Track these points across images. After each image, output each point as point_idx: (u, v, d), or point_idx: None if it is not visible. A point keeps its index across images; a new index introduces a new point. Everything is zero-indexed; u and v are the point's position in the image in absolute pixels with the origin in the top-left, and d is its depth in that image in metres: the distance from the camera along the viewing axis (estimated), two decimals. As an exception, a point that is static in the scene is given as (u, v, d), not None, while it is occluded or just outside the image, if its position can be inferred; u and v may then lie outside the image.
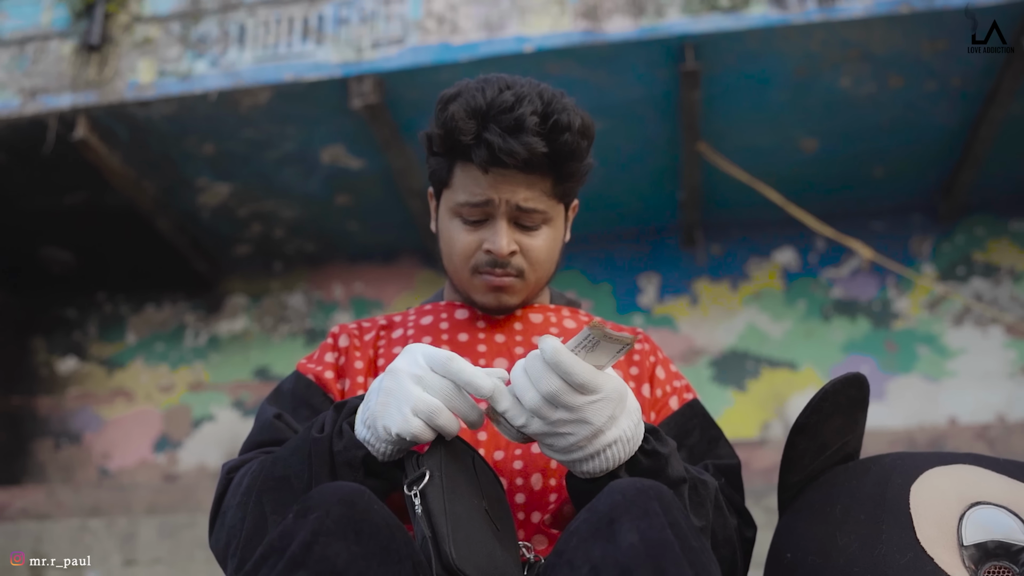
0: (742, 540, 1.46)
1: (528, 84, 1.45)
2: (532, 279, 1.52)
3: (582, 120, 1.45)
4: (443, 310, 1.61)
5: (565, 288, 6.49)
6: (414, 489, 1.14)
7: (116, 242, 6.43)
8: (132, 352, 6.85)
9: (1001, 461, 1.46)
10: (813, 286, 6.36)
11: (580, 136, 1.44)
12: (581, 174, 1.51)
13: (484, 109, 1.40)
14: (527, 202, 1.45)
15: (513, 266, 1.49)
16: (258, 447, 1.44)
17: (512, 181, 1.43)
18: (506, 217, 1.46)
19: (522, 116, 1.38)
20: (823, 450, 1.48)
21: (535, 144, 1.38)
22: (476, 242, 1.48)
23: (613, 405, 1.20)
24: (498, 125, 1.39)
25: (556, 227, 1.53)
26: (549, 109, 1.41)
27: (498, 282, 1.49)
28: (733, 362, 6.27)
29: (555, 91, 1.46)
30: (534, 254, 1.49)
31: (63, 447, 6.62)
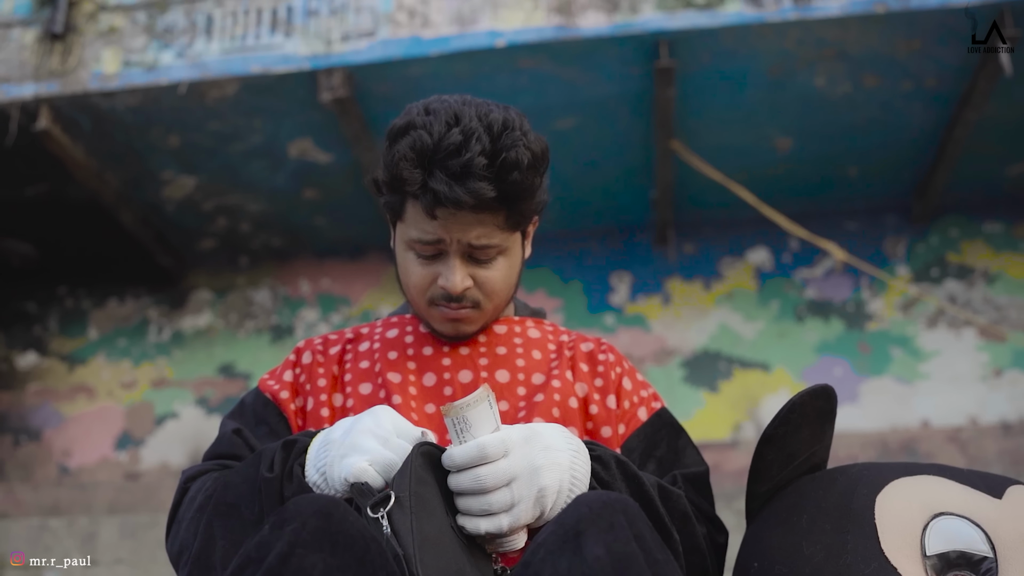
0: (714, 546, 1.49)
1: (477, 114, 1.42)
2: (489, 308, 1.54)
3: (532, 154, 1.43)
4: (409, 323, 1.63)
5: (535, 287, 6.52)
6: (380, 511, 1.16)
7: (78, 235, 6.39)
8: (94, 347, 6.81)
9: (965, 472, 1.49)
10: (787, 286, 6.41)
11: (531, 172, 1.43)
12: (535, 207, 1.51)
13: (431, 152, 1.39)
14: (479, 239, 1.45)
15: (468, 299, 1.51)
16: (216, 458, 1.50)
17: (462, 221, 1.43)
18: (459, 254, 1.47)
19: (469, 161, 1.36)
20: (791, 460, 1.51)
21: (482, 190, 1.37)
22: (431, 276, 1.50)
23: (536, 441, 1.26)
24: (444, 171, 1.37)
25: (512, 255, 1.54)
26: (498, 146, 1.39)
27: (454, 315, 1.52)
28: (705, 363, 6.31)
29: (506, 119, 1.43)
30: (489, 285, 1.51)
31: (22, 444, 6.57)
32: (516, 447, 1.24)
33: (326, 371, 1.56)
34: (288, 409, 1.53)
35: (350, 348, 1.61)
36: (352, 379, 1.55)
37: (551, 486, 1.23)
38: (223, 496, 1.35)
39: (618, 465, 1.34)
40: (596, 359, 1.61)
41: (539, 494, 1.23)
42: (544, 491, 1.23)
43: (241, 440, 1.50)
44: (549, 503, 1.24)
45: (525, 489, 1.22)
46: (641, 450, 1.54)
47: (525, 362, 1.57)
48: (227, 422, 1.56)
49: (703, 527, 1.46)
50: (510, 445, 1.23)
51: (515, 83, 5.26)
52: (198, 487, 1.41)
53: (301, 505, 1.12)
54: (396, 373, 1.53)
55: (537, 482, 1.23)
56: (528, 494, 1.22)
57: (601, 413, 1.54)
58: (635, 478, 1.35)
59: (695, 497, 1.50)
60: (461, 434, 1.22)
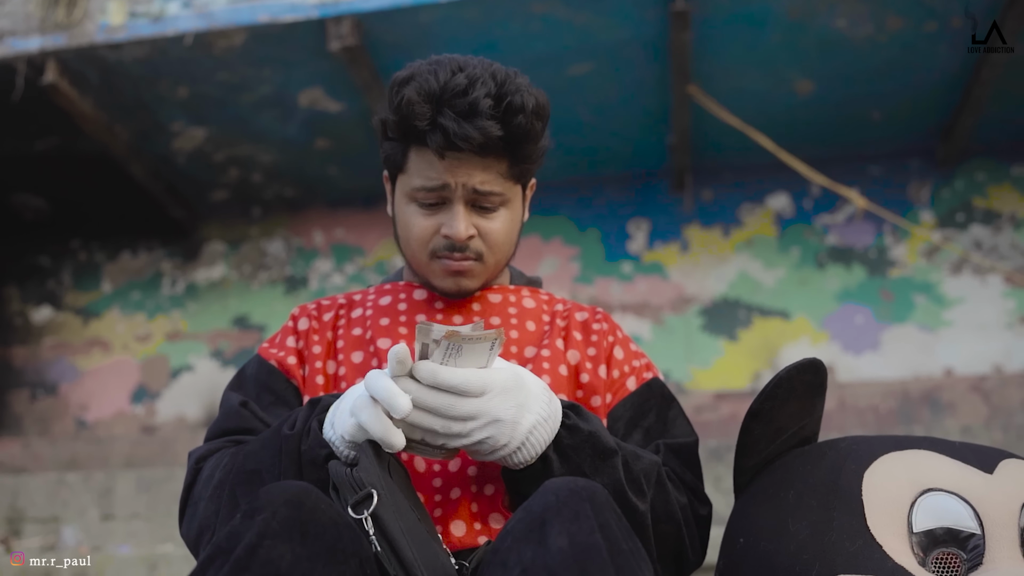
0: (696, 517, 1.50)
1: (480, 65, 1.46)
2: (491, 262, 1.55)
3: (536, 100, 1.46)
4: (402, 290, 1.64)
5: (552, 235, 6.52)
6: (364, 512, 1.18)
7: (90, 188, 6.43)
8: (108, 301, 6.88)
9: (957, 445, 1.49)
10: (807, 233, 6.37)
11: (535, 117, 1.46)
12: (537, 155, 1.53)
13: (438, 93, 1.41)
14: (484, 185, 1.47)
15: (472, 250, 1.51)
16: (224, 435, 1.50)
17: (468, 164, 1.45)
18: (463, 201, 1.48)
19: (476, 100, 1.40)
20: (779, 434, 1.51)
21: (490, 128, 1.40)
22: (433, 226, 1.50)
23: (513, 395, 1.27)
24: (452, 109, 1.40)
25: (514, 208, 1.55)
26: (503, 91, 1.42)
27: (457, 266, 1.52)
28: (724, 311, 6.31)
29: (508, 71, 1.47)
30: (493, 237, 1.52)
31: (39, 398, 6.67)
32: (494, 391, 1.26)
33: (320, 338, 1.58)
34: (297, 375, 1.55)
35: (343, 314, 1.62)
36: (345, 346, 1.56)
37: (501, 438, 1.26)
38: (244, 465, 1.37)
39: (590, 437, 1.35)
40: (590, 328, 1.62)
41: (489, 438, 1.26)
42: (495, 439, 1.26)
43: (249, 412, 1.51)
44: (488, 449, 1.27)
45: (480, 430, 1.25)
46: (627, 419, 1.55)
47: (519, 333, 1.58)
48: (230, 395, 1.56)
49: (683, 497, 1.47)
50: (489, 387, 1.25)
51: (528, 29, 5.21)
52: (214, 464, 1.42)
53: (273, 493, 1.13)
54: (387, 339, 1.55)
55: (492, 428, 1.25)
56: (479, 435, 1.25)
57: (592, 382, 1.55)
58: (604, 452, 1.36)
59: (678, 467, 1.51)
60: (448, 358, 1.25)
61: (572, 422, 1.34)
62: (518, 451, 1.28)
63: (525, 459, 1.29)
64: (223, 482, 1.37)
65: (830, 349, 6.12)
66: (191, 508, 1.42)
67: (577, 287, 6.47)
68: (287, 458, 1.33)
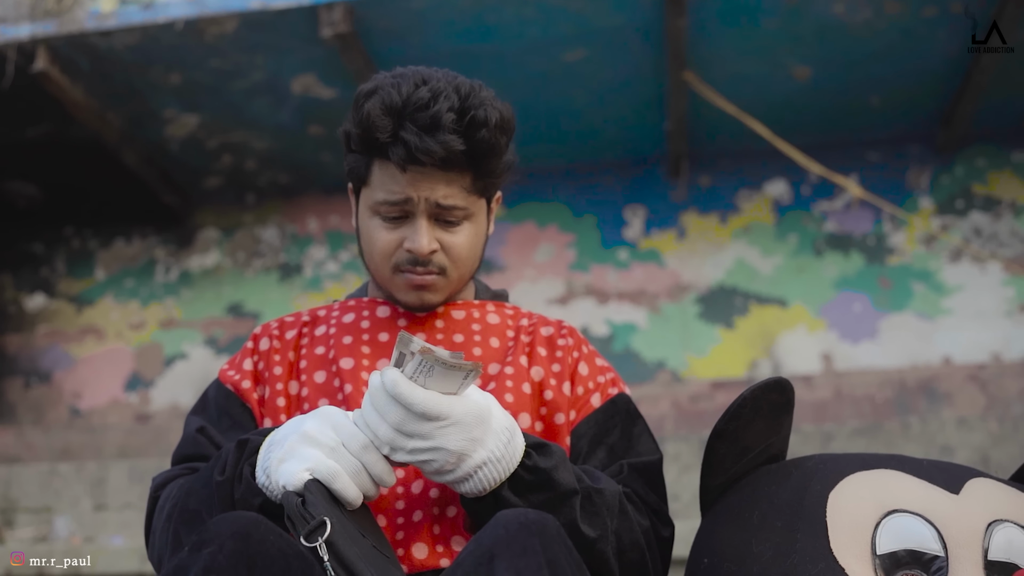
0: (658, 540, 1.50)
1: (444, 79, 1.46)
2: (455, 276, 1.55)
3: (500, 114, 1.46)
4: (365, 307, 1.64)
5: (547, 222, 6.51)
6: (318, 540, 1.18)
7: (82, 175, 6.43)
8: (101, 288, 6.89)
9: (924, 464, 1.49)
10: (805, 219, 6.36)
11: (498, 131, 1.46)
12: (502, 169, 1.53)
13: (400, 106, 1.42)
14: (447, 199, 1.47)
15: (435, 264, 1.51)
16: (184, 460, 1.54)
17: (431, 178, 1.45)
18: (426, 215, 1.48)
19: (438, 113, 1.40)
20: (745, 453, 1.51)
21: (452, 142, 1.40)
22: (396, 240, 1.50)
23: (468, 429, 1.27)
24: (414, 123, 1.41)
25: (478, 222, 1.55)
26: (466, 105, 1.43)
27: (419, 280, 1.52)
28: (721, 298, 6.31)
29: (473, 84, 1.47)
30: (456, 251, 1.52)
31: (33, 386, 6.69)
32: (450, 420, 1.26)
33: (282, 358, 1.58)
34: (251, 399, 1.55)
35: (306, 332, 1.62)
36: (307, 366, 1.56)
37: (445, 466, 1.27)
38: (186, 503, 1.40)
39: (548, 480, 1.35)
40: (555, 344, 1.62)
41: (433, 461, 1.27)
42: (438, 464, 1.27)
43: (205, 438, 1.53)
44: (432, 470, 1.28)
45: (422, 452, 1.27)
46: (591, 436, 1.55)
47: (482, 351, 1.58)
48: (191, 419, 1.58)
49: (645, 520, 1.47)
50: (446, 416, 1.26)
51: (522, 14, 5.19)
52: (166, 495, 1.46)
53: (221, 526, 1.14)
54: (349, 359, 1.55)
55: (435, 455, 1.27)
56: (421, 456, 1.27)
57: (556, 399, 1.55)
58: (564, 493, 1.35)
59: (641, 489, 1.51)
60: (419, 374, 1.25)
61: (532, 463, 1.34)
62: (465, 482, 1.29)
63: (473, 491, 1.31)
64: (170, 516, 1.41)
65: (827, 337, 6.12)
66: (151, 536, 1.47)
67: (573, 274, 6.47)
68: (222, 505, 1.35)
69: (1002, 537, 1.36)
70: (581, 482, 1.39)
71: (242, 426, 1.54)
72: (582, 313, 6.36)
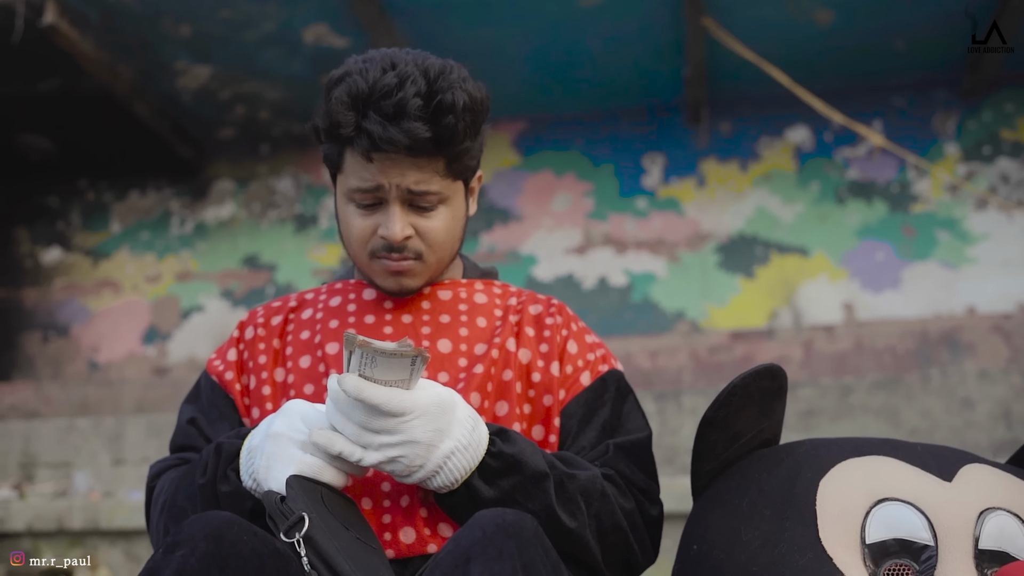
0: (645, 519, 1.51)
1: (414, 62, 1.44)
2: (432, 260, 1.54)
3: (468, 96, 1.45)
4: (352, 290, 1.64)
5: (564, 171, 6.48)
6: (296, 536, 1.20)
7: (95, 128, 6.45)
8: (117, 241, 6.93)
9: (918, 450, 1.48)
10: (828, 167, 6.30)
11: (467, 115, 1.45)
12: (476, 151, 1.53)
13: (366, 94, 1.41)
14: (419, 185, 1.46)
15: (410, 249, 1.51)
16: (178, 450, 1.58)
17: (401, 165, 1.44)
18: (399, 201, 1.48)
19: (403, 100, 1.39)
20: (736, 439, 1.51)
21: (417, 130, 1.39)
22: (371, 227, 1.50)
23: (434, 419, 1.30)
24: (378, 112, 1.40)
25: (454, 205, 1.54)
26: (434, 89, 1.42)
27: (396, 267, 1.52)
28: (741, 247, 6.28)
29: (443, 66, 1.46)
30: (431, 236, 1.51)
31: (51, 340, 6.77)
32: (414, 413, 1.29)
33: (267, 346, 1.59)
34: (233, 390, 1.57)
35: (292, 318, 1.63)
36: (293, 352, 1.58)
37: (415, 459, 1.30)
38: (175, 499, 1.44)
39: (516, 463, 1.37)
40: (543, 323, 1.61)
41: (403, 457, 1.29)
42: (409, 459, 1.29)
43: (195, 430, 1.56)
44: (403, 469, 1.30)
45: (392, 448, 1.29)
46: (580, 416, 1.55)
47: (468, 331, 1.58)
48: (184, 408, 1.62)
49: (630, 502, 1.48)
50: (410, 409, 1.28)
51: (537, -41, 5.14)
52: (160, 487, 1.50)
53: (194, 528, 1.16)
54: (335, 343, 1.56)
55: (406, 448, 1.29)
56: (391, 452, 1.29)
57: (543, 380, 1.55)
58: (534, 476, 1.38)
59: (627, 469, 1.51)
60: (364, 367, 1.28)
61: (497, 448, 1.36)
62: (436, 475, 1.31)
63: (444, 484, 1.32)
64: (162, 510, 1.46)
65: (849, 287, 6.09)
66: (149, 525, 1.52)
67: (591, 223, 6.45)
68: (205, 505, 1.40)
69: (994, 525, 1.36)
70: (554, 468, 1.41)
71: (227, 418, 1.56)
72: (600, 263, 6.35)
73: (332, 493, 1.33)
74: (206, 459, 1.42)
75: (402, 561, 1.41)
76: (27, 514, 4.43)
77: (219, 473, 1.40)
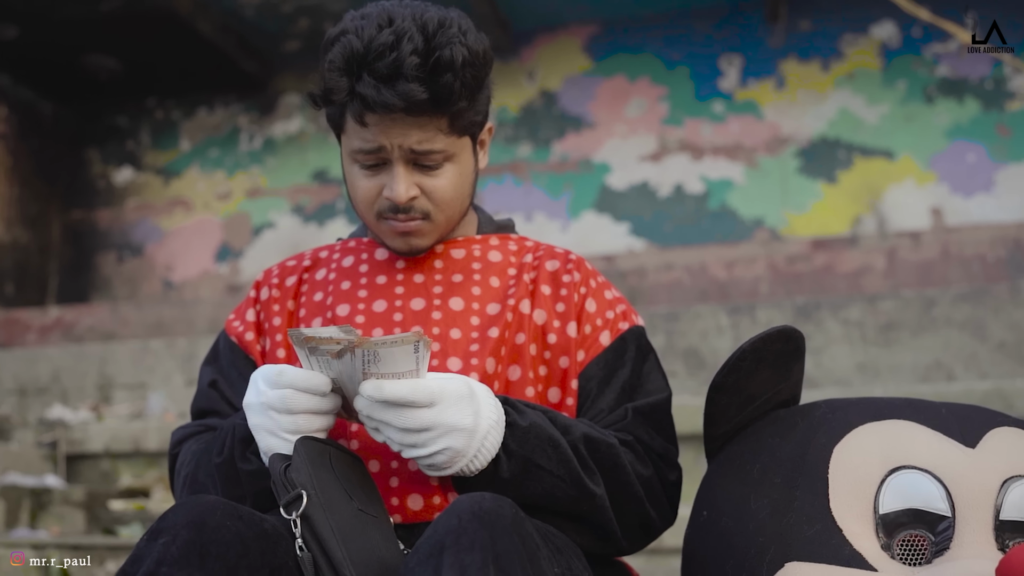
0: (663, 484, 1.50)
1: (411, 16, 1.41)
2: (441, 219, 1.52)
3: (468, 51, 1.41)
4: (364, 249, 1.63)
5: (638, 75, 6.36)
6: (293, 514, 1.21)
7: (159, 46, 6.50)
8: (187, 159, 7.03)
9: (943, 413, 1.43)
10: (915, 64, 6.08)
11: (467, 71, 1.41)
12: (479, 108, 1.49)
13: (360, 55, 1.38)
14: (421, 144, 1.44)
15: (417, 209, 1.49)
16: (200, 415, 1.60)
17: (401, 124, 1.42)
18: (402, 161, 1.45)
19: (399, 60, 1.36)
20: (750, 402, 1.48)
21: (412, 92, 1.36)
22: (376, 188, 1.48)
23: (468, 401, 1.29)
24: (373, 74, 1.37)
25: (462, 161, 1.51)
26: (432, 45, 1.38)
27: (403, 227, 1.50)
28: (823, 151, 6.13)
29: (442, 19, 1.42)
30: (439, 194, 1.49)
31: (126, 260, 6.94)
32: (447, 400, 1.28)
33: (281, 307, 1.59)
34: (254, 351, 1.58)
35: (307, 278, 1.63)
36: (306, 314, 1.58)
37: (458, 447, 1.29)
38: (196, 474, 1.47)
39: (532, 427, 1.36)
40: (560, 280, 1.58)
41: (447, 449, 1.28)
42: (452, 449, 1.29)
43: (217, 393, 1.58)
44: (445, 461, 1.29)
45: (436, 441, 1.28)
46: (600, 378, 1.53)
47: (481, 290, 1.56)
48: (204, 370, 1.63)
49: (647, 468, 1.47)
50: (440, 397, 1.27)
51: None
52: (183, 458, 1.53)
53: (177, 515, 1.17)
54: (346, 304, 1.55)
55: (449, 439, 1.28)
56: (435, 445, 1.28)
57: (559, 342, 1.53)
58: (551, 440, 1.37)
59: (645, 434, 1.50)
60: (368, 366, 1.27)
61: (511, 419, 1.35)
62: (474, 459, 1.31)
63: (481, 466, 1.32)
64: (184, 482, 1.49)
65: (937, 191, 5.91)
66: (173, 492, 1.55)
67: (666, 129, 6.34)
68: (223, 482, 1.43)
69: (1018, 495, 1.32)
70: (569, 431, 1.40)
71: (247, 380, 1.56)
72: (675, 170, 6.26)
73: (341, 453, 1.34)
74: (223, 437, 1.44)
75: (408, 527, 1.42)
76: (104, 436, 4.60)
77: (236, 452, 1.41)
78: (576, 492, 1.39)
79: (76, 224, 7.10)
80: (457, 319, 1.52)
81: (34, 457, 4.53)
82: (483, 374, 1.46)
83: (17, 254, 6.84)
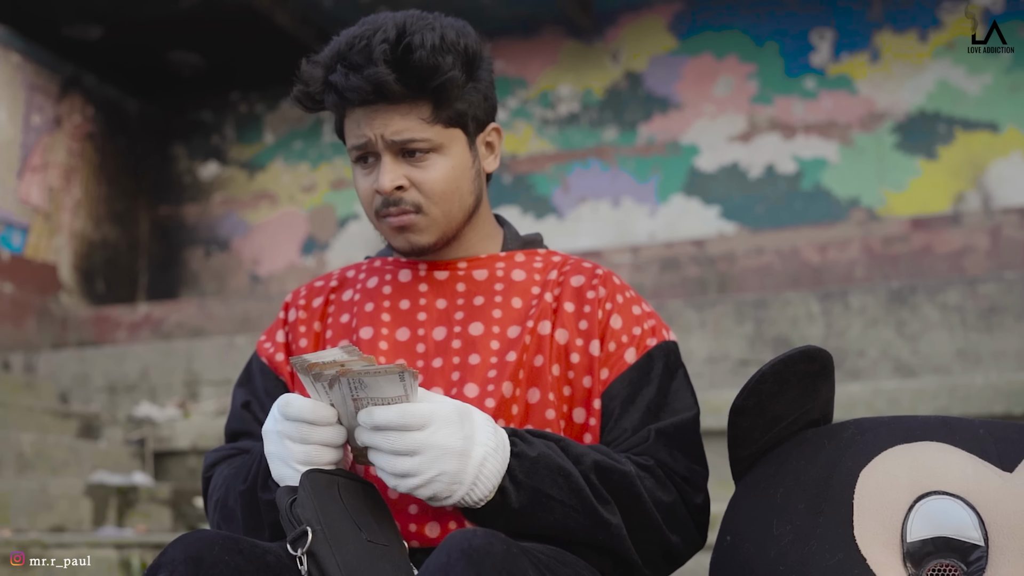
0: (689, 507, 1.48)
1: (396, 17, 1.45)
2: (436, 213, 1.52)
3: (443, 35, 1.43)
4: (388, 270, 1.64)
5: (725, 53, 6.26)
6: (299, 550, 1.22)
7: (240, 41, 6.63)
8: (271, 152, 7.15)
9: (980, 434, 1.38)
10: (1021, 30, 5.86)
11: (439, 53, 1.43)
12: (468, 98, 1.50)
13: (339, 51, 1.44)
14: (399, 134, 1.46)
15: (407, 201, 1.50)
16: (233, 437, 1.63)
17: (382, 114, 1.45)
18: (388, 152, 1.48)
19: (369, 47, 1.41)
20: (776, 423, 1.45)
21: (379, 74, 1.40)
22: (372, 185, 1.52)
23: (459, 425, 1.28)
24: (345, 64, 1.42)
25: (452, 155, 1.51)
26: (403, 31, 1.42)
27: (396, 222, 1.51)
28: (921, 125, 5.97)
29: (423, 15, 1.46)
30: (427, 186, 1.49)
31: (213, 255, 7.09)
32: (437, 423, 1.27)
33: (308, 329, 1.61)
34: (285, 372, 1.60)
35: (333, 299, 1.64)
36: (332, 336, 1.59)
37: (451, 472, 1.28)
38: (226, 500, 1.50)
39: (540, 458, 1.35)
40: (584, 297, 1.57)
41: (441, 475, 1.27)
42: (447, 475, 1.27)
43: (250, 415, 1.60)
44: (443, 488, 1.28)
45: (428, 466, 1.27)
46: (623, 397, 1.51)
47: (502, 312, 1.55)
48: (237, 392, 1.65)
49: (669, 495, 1.45)
50: (431, 420, 1.27)
51: None
52: (215, 482, 1.55)
53: (175, 550, 1.20)
54: (369, 327, 1.56)
55: (442, 463, 1.27)
56: (429, 472, 1.27)
57: (583, 361, 1.51)
58: (560, 471, 1.35)
59: (667, 457, 1.47)
60: (357, 392, 1.28)
61: (519, 449, 1.34)
62: (474, 487, 1.29)
63: (483, 495, 1.31)
64: (215, 507, 1.52)
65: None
66: (207, 515, 1.57)
67: (755, 107, 6.24)
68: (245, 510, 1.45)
69: (1059, 523, 1.26)
70: (580, 461, 1.39)
71: None
72: (766, 150, 6.16)
73: (350, 482, 1.34)
74: (250, 464, 1.47)
75: (427, 551, 1.43)
76: (191, 432, 4.72)
77: (259, 481, 1.43)
78: (590, 522, 1.38)
79: (164, 220, 7.29)
80: (477, 344, 1.52)
81: (123, 455, 4.66)
82: (500, 399, 1.45)
83: (107, 252, 7.05)
